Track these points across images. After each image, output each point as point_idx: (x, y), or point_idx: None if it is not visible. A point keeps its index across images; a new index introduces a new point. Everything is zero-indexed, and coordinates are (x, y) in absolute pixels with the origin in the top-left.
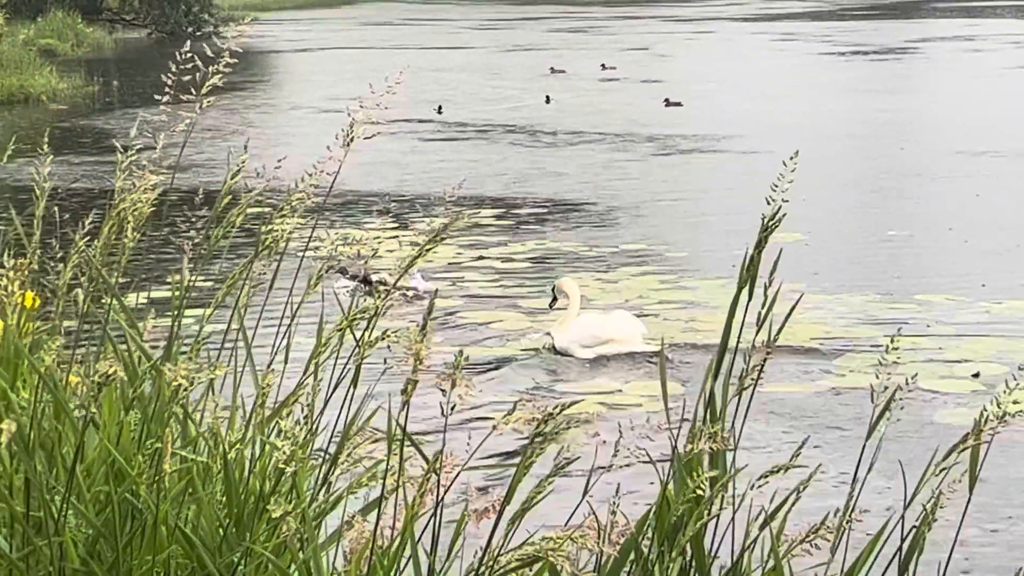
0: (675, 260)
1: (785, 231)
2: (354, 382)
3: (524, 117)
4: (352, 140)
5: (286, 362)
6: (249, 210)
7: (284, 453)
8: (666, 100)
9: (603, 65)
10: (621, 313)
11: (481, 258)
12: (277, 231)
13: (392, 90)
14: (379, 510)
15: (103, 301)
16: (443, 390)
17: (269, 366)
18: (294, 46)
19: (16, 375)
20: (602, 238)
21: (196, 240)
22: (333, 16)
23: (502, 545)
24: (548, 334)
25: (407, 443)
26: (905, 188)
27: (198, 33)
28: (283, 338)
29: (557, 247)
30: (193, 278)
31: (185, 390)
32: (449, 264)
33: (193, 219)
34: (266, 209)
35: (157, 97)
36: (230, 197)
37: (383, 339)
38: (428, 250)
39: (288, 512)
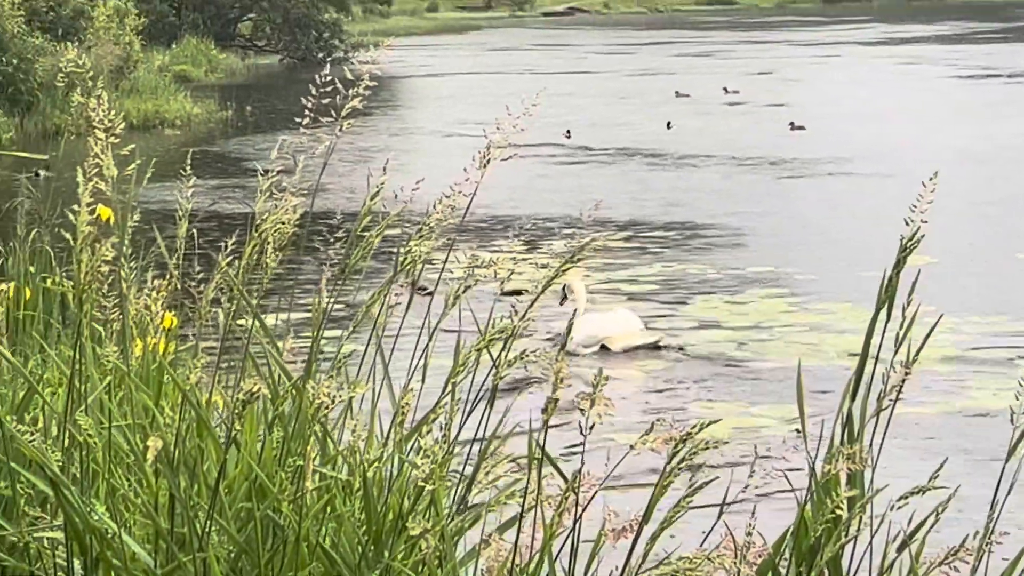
0: (803, 283)
1: (915, 252)
2: (490, 402)
3: (649, 141)
4: (488, 162)
5: (423, 381)
6: (386, 231)
7: (423, 471)
8: (791, 124)
9: (725, 88)
10: (619, 312)
11: (609, 281)
12: (415, 252)
13: (529, 112)
14: (518, 528)
15: (243, 321)
16: (582, 409)
17: (407, 385)
18: (423, 71)
19: (160, 392)
20: (729, 261)
21: (335, 261)
22: (460, 42)
23: (640, 564)
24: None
25: (546, 463)
26: None
27: (329, 59)
28: (420, 357)
29: (684, 269)
30: (332, 300)
31: (326, 408)
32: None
33: (331, 240)
34: (399, 231)
35: (297, 120)
36: (369, 218)
37: (521, 359)
38: (564, 271)
39: (427, 530)
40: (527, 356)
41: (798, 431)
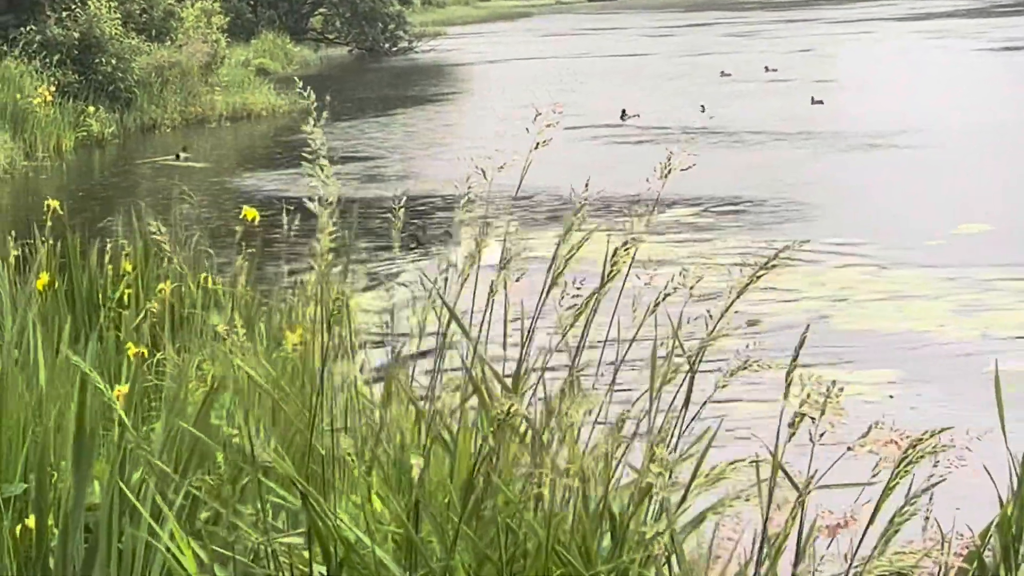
0: (872, 253)
1: (969, 221)
2: (686, 403)
3: (700, 120)
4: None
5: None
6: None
7: (655, 480)
8: (812, 98)
9: (766, 67)
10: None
11: (693, 254)
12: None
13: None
14: (763, 536)
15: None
16: (813, 418)
17: (611, 387)
18: (481, 58)
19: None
20: (797, 233)
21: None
22: (512, 28)
23: (851, 561)
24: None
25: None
26: None
27: (394, 48)
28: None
29: (756, 242)
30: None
31: (568, 420)
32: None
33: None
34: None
35: (372, 107)
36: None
37: (742, 365)
38: (759, 277)
39: (660, 533)
40: (749, 364)
41: (891, 396)
